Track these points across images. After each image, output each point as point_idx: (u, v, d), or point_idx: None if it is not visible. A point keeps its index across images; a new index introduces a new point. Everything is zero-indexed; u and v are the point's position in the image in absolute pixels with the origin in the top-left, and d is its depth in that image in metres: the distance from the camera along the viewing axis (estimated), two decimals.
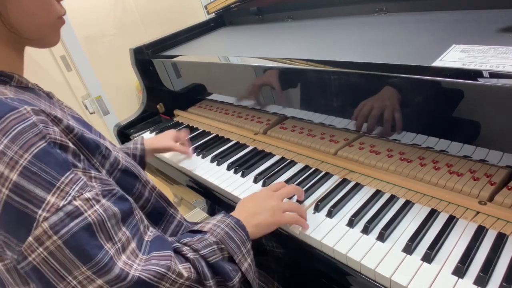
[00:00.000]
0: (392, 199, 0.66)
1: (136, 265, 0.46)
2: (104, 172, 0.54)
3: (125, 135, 1.32)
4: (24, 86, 0.53)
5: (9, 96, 0.46)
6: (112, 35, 1.90)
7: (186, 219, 0.71)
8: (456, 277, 0.50)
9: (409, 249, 0.55)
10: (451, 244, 0.55)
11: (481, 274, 0.48)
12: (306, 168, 0.83)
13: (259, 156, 0.92)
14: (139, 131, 1.29)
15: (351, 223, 0.63)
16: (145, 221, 0.54)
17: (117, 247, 0.45)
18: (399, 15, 0.92)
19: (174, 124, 1.28)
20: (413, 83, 0.59)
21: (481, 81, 0.50)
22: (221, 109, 1.24)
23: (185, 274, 0.49)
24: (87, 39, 1.81)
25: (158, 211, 0.64)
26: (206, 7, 1.49)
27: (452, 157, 0.70)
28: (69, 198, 0.42)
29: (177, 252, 0.52)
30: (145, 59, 1.27)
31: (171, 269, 0.47)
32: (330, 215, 0.66)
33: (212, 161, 0.96)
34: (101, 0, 1.83)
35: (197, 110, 1.31)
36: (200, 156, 1.00)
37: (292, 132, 0.97)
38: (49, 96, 0.59)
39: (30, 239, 0.41)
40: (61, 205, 0.42)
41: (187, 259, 0.51)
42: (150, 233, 0.53)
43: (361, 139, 0.85)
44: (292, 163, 0.86)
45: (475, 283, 0.48)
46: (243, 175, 0.86)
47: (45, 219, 0.41)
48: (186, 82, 1.19)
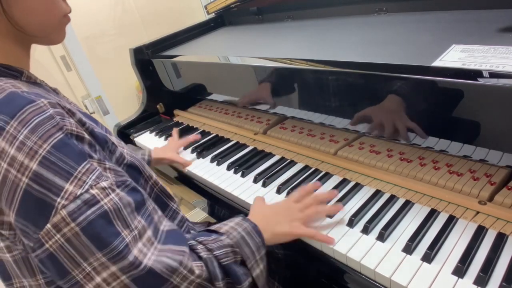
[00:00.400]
0: (392, 199, 0.66)
1: (150, 253, 0.46)
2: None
3: (125, 135, 1.32)
4: (33, 81, 0.54)
5: (24, 90, 0.46)
6: (112, 35, 1.91)
7: (187, 218, 0.71)
8: (456, 277, 0.50)
9: (409, 249, 0.55)
10: (451, 244, 0.55)
11: (481, 274, 0.48)
12: (306, 168, 0.83)
13: (259, 156, 0.92)
14: (139, 131, 1.29)
15: (351, 223, 0.63)
16: (159, 212, 0.54)
17: (134, 234, 0.46)
18: (399, 15, 0.92)
19: (174, 124, 1.28)
20: (413, 83, 0.59)
21: (481, 81, 0.50)
22: (221, 109, 1.24)
23: (197, 271, 0.50)
24: (87, 39, 1.81)
25: (160, 206, 0.64)
26: (206, 7, 1.48)
27: (452, 157, 0.70)
28: (86, 186, 0.44)
29: (192, 249, 0.53)
30: (145, 59, 1.27)
31: (183, 264, 0.48)
32: (330, 215, 0.66)
33: (212, 161, 0.96)
34: (101, 0, 1.83)
35: (197, 110, 1.31)
36: (200, 156, 1.00)
37: (292, 132, 0.97)
38: (55, 91, 0.60)
39: (48, 226, 0.42)
40: (78, 194, 0.43)
41: (200, 258, 0.52)
42: (165, 223, 0.53)
43: (361, 139, 0.85)
44: (292, 163, 0.86)
45: (475, 283, 0.48)
46: (243, 175, 0.86)
47: (64, 206, 0.42)
48: (186, 82, 1.19)
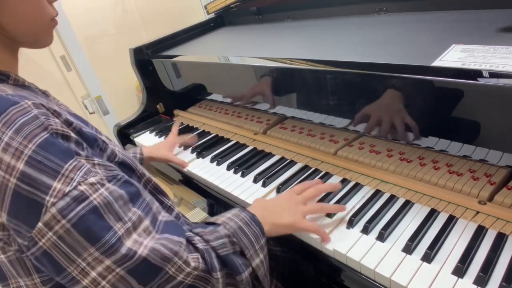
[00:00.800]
0: (392, 199, 0.66)
1: (146, 242, 0.47)
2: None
3: (125, 135, 1.32)
4: (21, 84, 0.54)
5: (9, 92, 0.47)
6: (112, 35, 1.90)
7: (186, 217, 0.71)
8: (456, 277, 0.50)
9: (409, 249, 0.55)
10: (451, 244, 0.55)
11: (481, 274, 0.48)
12: (306, 168, 0.83)
13: (259, 156, 0.92)
14: (139, 131, 1.29)
15: (351, 223, 0.63)
16: (157, 203, 0.55)
17: (127, 226, 0.46)
18: (399, 15, 0.92)
19: (174, 124, 1.28)
20: (413, 83, 0.59)
21: (481, 81, 0.50)
22: (221, 109, 1.24)
23: (192, 263, 0.50)
24: (87, 39, 1.81)
25: None
26: (206, 7, 1.48)
27: (452, 157, 0.70)
28: (74, 183, 0.44)
29: (188, 241, 0.53)
30: (145, 59, 1.27)
31: (178, 255, 0.49)
32: (329, 215, 0.66)
33: (212, 161, 0.96)
34: (101, 0, 1.83)
35: (197, 110, 1.31)
36: (200, 156, 1.00)
37: (292, 132, 0.97)
38: (45, 94, 0.60)
39: (39, 224, 0.42)
40: (67, 191, 0.43)
41: (197, 249, 0.52)
42: (164, 214, 0.54)
43: (361, 139, 0.85)
44: (292, 163, 0.86)
45: (475, 283, 0.48)
46: (243, 175, 0.86)
47: (53, 204, 0.42)
48: (186, 82, 1.19)
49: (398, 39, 0.75)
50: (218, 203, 0.87)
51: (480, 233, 0.55)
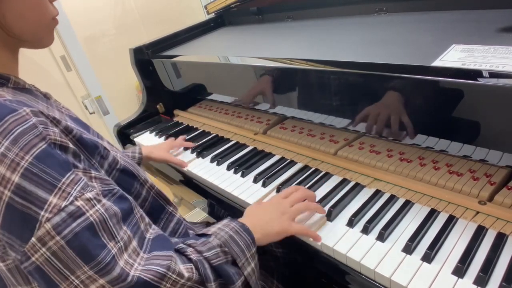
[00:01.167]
0: (392, 199, 0.66)
1: (136, 264, 0.46)
2: (103, 172, 0.54)
3: (125, 135, 1.32)
4: (21, 87, 0.53)
5: (7, 98, 0.46)
6: (112, 35, 1.90)
7: (185, 219, 0.71)
8: (456, 277, 0.50)
9: (409, 249, 0.55)
10: (451, 244, 0.55)
11: (481, 274, 0.48)
12: (306, 168, 0.83)
13: (259, 156, 0.92)
14: (139, 131, 1.29)
15: (351, 223, 0.63)
16: (147, 219, 0.54)
17: (119, 246, 0.45)
18: (399, 15, 0.92)
19: (174, 124, 1.28)
20: (413, 83, 0.59)
21: (481, 81, 0.50)
22: (221, 109, 1.24)
23: (186, 274, 0.49)
24: (87, 39, 1.81)
25: (156, 210, 0.64)
26: (206, 7, 1.48)
27: (452, 157, 0.70)
28: (71, 198, 0.43)
29: (181, 252, 0.53)
30: (145, 59, 1.27)
31: (171, 269, 0.48)
32: (329, 215, 0.66)
33: (212, 161, 0.96)
34: (101, 0, 1.83)
35: (197, 110, 1.31)
36: (200, 156, 1.00)
37: (292, 132, 0.97)
38: (46, 96, 0.59)
39: (33, 239, 0.41)
40: (63, 206, 0.42)
41: (190, 260, 0.52)
42: (152, 231, 0.53)
43: (361, 139, 0.85)
44: (292, 163, 0.86)
45: (475, 283, 0.48)
46: (243, 175, 0.86)
47: (48, 219, 0.41)
48: (186, 82, 1.19)
49: (398, 39, 0.75)
50: (218, 203, 0.87)
51: (480, 233, 0.55)
